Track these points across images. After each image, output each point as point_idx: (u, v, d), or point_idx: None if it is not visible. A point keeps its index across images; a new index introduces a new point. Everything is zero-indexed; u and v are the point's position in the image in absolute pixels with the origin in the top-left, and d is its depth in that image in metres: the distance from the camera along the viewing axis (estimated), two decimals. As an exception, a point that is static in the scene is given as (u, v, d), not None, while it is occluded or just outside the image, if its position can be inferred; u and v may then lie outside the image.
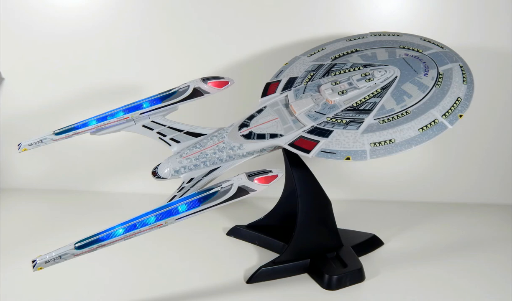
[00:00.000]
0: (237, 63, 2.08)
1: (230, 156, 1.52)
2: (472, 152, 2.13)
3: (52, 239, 1.65)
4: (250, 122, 1.55)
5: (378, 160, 1.43)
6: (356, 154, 1.43)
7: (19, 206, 2.11)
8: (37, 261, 1.30)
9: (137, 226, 1.33)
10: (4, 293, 1.46)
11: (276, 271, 1.55)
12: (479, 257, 1.68)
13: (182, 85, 1.59)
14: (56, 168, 2.22)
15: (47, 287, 1.49)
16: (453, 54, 1.63)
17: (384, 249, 1.73)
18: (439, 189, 2.16)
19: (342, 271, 1.52)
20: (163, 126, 1.56)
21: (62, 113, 2.13)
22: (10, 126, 2.17)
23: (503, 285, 1.53)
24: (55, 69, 2.12)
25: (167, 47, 2.09)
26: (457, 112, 1.48)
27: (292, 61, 1.74)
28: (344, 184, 2.17)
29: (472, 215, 2.01)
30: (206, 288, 1.51)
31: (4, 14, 2.08)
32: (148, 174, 1.53)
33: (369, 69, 1.60)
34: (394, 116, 1.48)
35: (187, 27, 2.06)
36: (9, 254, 1.68)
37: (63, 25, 2.09)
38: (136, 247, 1.62)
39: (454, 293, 1.49)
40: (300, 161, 1.58)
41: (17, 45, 2.11)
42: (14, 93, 2.15)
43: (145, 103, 1.56)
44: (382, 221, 1.92)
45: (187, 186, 1.48)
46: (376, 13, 2.03)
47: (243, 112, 1.59)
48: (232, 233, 1.83)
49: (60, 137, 1.54)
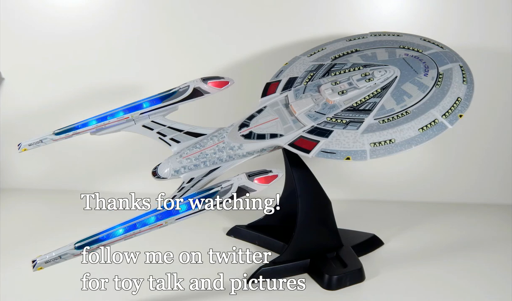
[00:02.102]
0: (237, 63, 2.08)
1: (230, 156, 1.52)
2: (472, 152, 2.13)
3: (52, 239, 1.65)
4: (250, 122, 1.55)
5: (378, 160, 1.43)
6: (356, 154, 1.43)
7: (19, 206, 2.11)
8: (37, 261, 1.30)
9: (137, 226, 1.34)
10: (4, 293, 1.46)
11: (276, 271, 1.55)
12: (479, 257, 1.68)
13: (182, 85, 1.59)
14: (56, 168, 2.22)
15: (47, 287, 1.49)
16: (453, 54, 1.63)
17: (384, 249, 1.73)
18: (439, 189, 2.15)
19: (342, 271, 1.52)
20: (163, 126, 1.56)
21: (62, 113, 2.13)
22: (10, 126, 2.17)
23: (503, 285, 1.53)
24: (55, 69, 2.12)
25: (167, 47, 2.09)
26: (457, 112, 1.48)
27: (292, 61, 1.74)
28: (344, 184, 2.17)
29: (472, 215, 2.01)
30: (206, 288, 1.50)
31: (4, 14, 2.08)
32: (148, 174, 1.53)
33: (369, 69, 1.60)
34: (394, 116, 1.48)
35: (187, 27, 2.06)
36: (9, 254, 1.68)
37: (63, 25, 2.09)
38: (136, 247, 1.62)
39: (454, 293, 1.49)
40: (300, 161, 1.58)
41: (17, 45, 2.11)
42: (14, 93, 2.15)
43: (145, 103, 1.56)
44: (382, 221, 1.92)
45: (187, 186, 1.48)
46: (376, 13, 2.03)
47: (243, 112, 1.59)
48: (232, 233, 1.83)
49: (60, 137, 1.54)
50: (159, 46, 2.09)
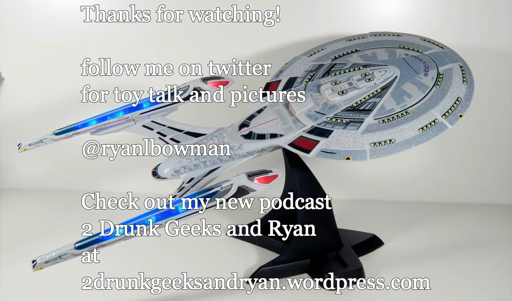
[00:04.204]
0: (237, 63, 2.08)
1: (230, 156, 1.52)
2: (472, 152, 2.13)
3: (52, 239, 1.65)
4: (250, 122, 1.55)
5: (378, 160, 1.43)
6: (356, 154, 1.43)
7: (19, 206, 2.11)
8: (37, 261, 1.30)
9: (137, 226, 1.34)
10: (4, 293, 1.46)
11: (276, 271, 1.55)
12: (479, 257, 1.68)
13: (182, 85, 1.59)
14: (56, 168, 2.22)
15: (47, 287, 1.49)
16: (453, 54, 1.63)
17: (384, 249, 1.73)
18: (439, 189, 2.15)
19: (342, 271, 1.52)
20: (163, 126, 1.56)
21: (62, 113, 2.13)
22: (10, 126, 2.17)
23: (503, 285, 1.53)
24: (55, 69, 2.12)
25: (167, 47, 2.09)
26: (457, 112, 1.48)
27: (292, 61, 1.74)
28: (344, 184, 2.17)
29: (472, 215, 2.01)
30: (206, 288, 1.51)
31: (4, 14, 2.08)
32: (148, 174, 1.53)
33: (369, 69, 1.60)
34: (394, 116, 1.48)
35: (187, 27, 2.06)
36: (9, 254, 1.68)
37: (63, 25, 2.08)
38: (136, 247, 1.62)
39: (454, 293, 1.49)
40: (300, 161, 1.58)
41: (17, 45, 2.11)
42: (14, 93, 2.15)
43: (145, 103, 1.56)
44: (382, 221, 1.92)
45: (187, 186, 1.48)
46: (376, 13, 2.03)
47: (243, 112, 1.59)
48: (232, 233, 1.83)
49: (60, 137, 1.54)
50: (159, 46, 2.09)
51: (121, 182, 2.20)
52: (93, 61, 2.08)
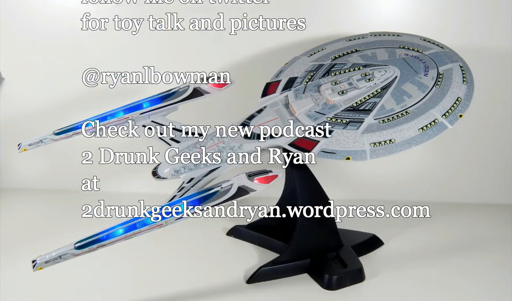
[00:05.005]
0: (237, 63, 2.08)
1: (230, 156, 1.52)
2: (472, 152, 2.13)
3: (52, 239, 1.65)
4: (250, 122, 1.55)
5: (378, 160, 1.43)
6: (356, 154, 1.43)
7: (19, 206, 2.11)
8: (37, 261, 1.29)
9: (137, 226, 1.33)
10: (4, 293, 1.46)
11: (276, 271, 1.55)
12: (479, 257, 1.68)
13: (182, 85, 1.59)
14: (56, 168, 2.22)
15: (47, 287, 1.49)
16: (453, 54, 1.63)
17: (384, 249, 1.73)
18: (439, 189, 2.16)
19: (342, 271, 1.52)
20: (163, 126, 1.56)
21: (62, 113, 2.13)
22: (10, 126, 2.17)
23: (503, 285, 1.53)
24: (55, 69, 2.12)
25: (167, 47, 2.09)
26: (457, 112, 1.48)
27: (292, 61, 1.74)
28: (344, 184, 2.17)
29: (472, 215, 2.01)
30: (206, 288, 1.50)
31: (4, 14, 2.08)
32: (148, 174, 1.53)
33: (369, 69, 1.60)
34: (394, 116, 1.48)
35: (187, 27, 2.06)
36: (9, 254, 1.67)
37: (63, 25, 2.09)
38: (136, 247, 1.62)
39: (454, 293, 1.49)
40: (300, 161, 1.58)
41: (17, 45, 2.11)
42: (14, 93, 2.15)
43: (145, 103, 1.56)
44: (382, 221, 1.92)
45: (187, 186, 1.48)
46: (376, 13, 2.03)
47: (243, 112, 1.59)
48: (232, 233, 1.83)
49: (60, 137, 1.54)
50: (159, 46, 2.09)
51: (121, 182, 2.20)
52: (92, 58, 2.08)
